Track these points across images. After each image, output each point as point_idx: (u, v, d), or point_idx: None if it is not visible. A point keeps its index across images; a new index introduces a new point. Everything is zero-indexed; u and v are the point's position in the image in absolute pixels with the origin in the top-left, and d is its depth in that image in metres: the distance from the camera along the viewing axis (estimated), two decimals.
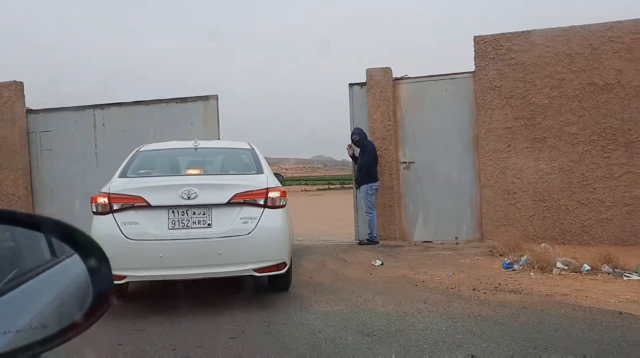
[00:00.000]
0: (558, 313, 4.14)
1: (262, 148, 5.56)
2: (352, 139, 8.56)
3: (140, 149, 5.37)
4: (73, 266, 1.34)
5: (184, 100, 9.91)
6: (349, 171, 10.71)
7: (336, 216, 14.06)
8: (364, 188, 8.35)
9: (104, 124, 9.91)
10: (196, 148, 5.27)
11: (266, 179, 4.71)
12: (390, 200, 8.66)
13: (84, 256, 1.24)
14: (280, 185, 5.01)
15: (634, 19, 7.46)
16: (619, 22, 7.52)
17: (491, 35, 8.11)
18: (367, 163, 8.26)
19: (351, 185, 9.71)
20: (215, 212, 4.39)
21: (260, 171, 4.94)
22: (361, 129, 8.53)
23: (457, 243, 8.28)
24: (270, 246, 4.45)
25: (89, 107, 10.03)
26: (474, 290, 4.98)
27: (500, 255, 6.58)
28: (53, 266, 1.49)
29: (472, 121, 8.39)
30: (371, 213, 8.33)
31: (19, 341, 1.04)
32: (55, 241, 1.53)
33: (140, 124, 9.84)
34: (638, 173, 7.52)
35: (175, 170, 5.31)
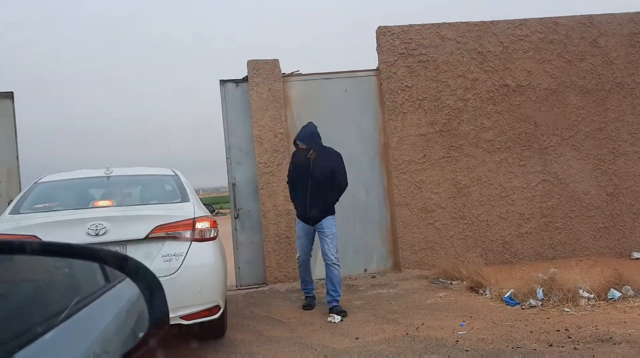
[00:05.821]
0: None
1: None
2: (311, 142, 5.02)
3: (39, 181, 4.48)
4: (125, 291, 1.36)
5: None
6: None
7: None
8: (330, 221, 5.06)
9: None
10: (108, 177, 4.51)
11: (192, 208, 3.97)
12: (287, 230, 6.67)
13: (140, 284, 1.21)
14: (210, 214, 4.31)
15: (541, 18, 7.05)
16: (527, 19, 7.03)
17: (399, 26, 6.88)
18: (345, 180, 5.16)
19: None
20: (131, 250, 3.65)
21: (185, 199, 4.18)
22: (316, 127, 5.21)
23: (373, 277, 6.69)
24: (200, 288, 3.70)
25: None
26: (550, 346, 3.43)
27: (472, 289, 5.20)
28: (107, 291, 1.46)
29: (379, 128, 6.99)
30: (339, 263, 5.11)
31: None
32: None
33: None
34: (552, 181, 7.04)
35: (82, 203, 4.25)
